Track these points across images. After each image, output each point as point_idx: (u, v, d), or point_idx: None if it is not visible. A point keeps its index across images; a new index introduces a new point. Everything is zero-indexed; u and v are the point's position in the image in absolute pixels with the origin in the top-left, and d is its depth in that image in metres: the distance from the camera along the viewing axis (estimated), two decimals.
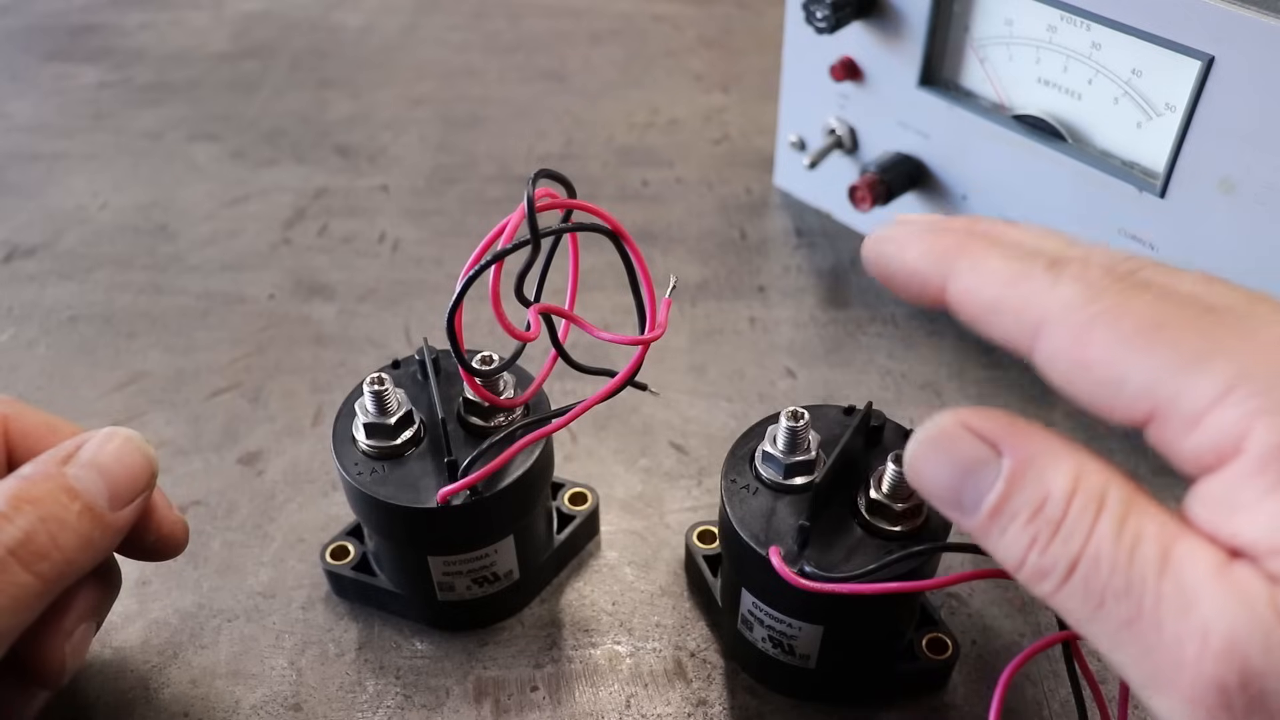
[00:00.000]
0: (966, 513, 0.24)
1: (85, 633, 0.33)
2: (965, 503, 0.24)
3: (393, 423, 0.35)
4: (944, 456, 0.24)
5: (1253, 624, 0.20)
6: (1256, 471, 0.21)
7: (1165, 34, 0.41)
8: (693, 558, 0.40)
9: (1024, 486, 0.23)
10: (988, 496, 0.23)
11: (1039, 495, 0.23)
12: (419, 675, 0.39)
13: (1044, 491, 0.23)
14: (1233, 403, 0.21)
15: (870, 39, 0.53)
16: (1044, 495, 0.23)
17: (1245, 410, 0.21)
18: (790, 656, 0.36)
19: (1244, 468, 0.21)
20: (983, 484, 0.24)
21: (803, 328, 0.54)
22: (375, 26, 0.82)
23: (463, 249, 0.58)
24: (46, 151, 0.68)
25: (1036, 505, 0.23)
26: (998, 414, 0.24)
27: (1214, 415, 0.22)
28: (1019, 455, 0.23)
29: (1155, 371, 0.22)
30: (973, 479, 0.24)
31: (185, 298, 0.56)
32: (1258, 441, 0.21)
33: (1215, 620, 0.20)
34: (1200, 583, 0.20)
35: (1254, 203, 0.41)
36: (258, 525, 0.44)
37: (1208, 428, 0.22)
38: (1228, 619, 0.20)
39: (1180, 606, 0.20)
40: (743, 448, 0.36)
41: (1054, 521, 0.22)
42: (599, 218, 0.31)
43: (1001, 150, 0.49)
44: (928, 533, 0.33)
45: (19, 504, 0.29)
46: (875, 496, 0.33)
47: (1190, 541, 0.21)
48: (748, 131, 0.69)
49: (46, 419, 0.34)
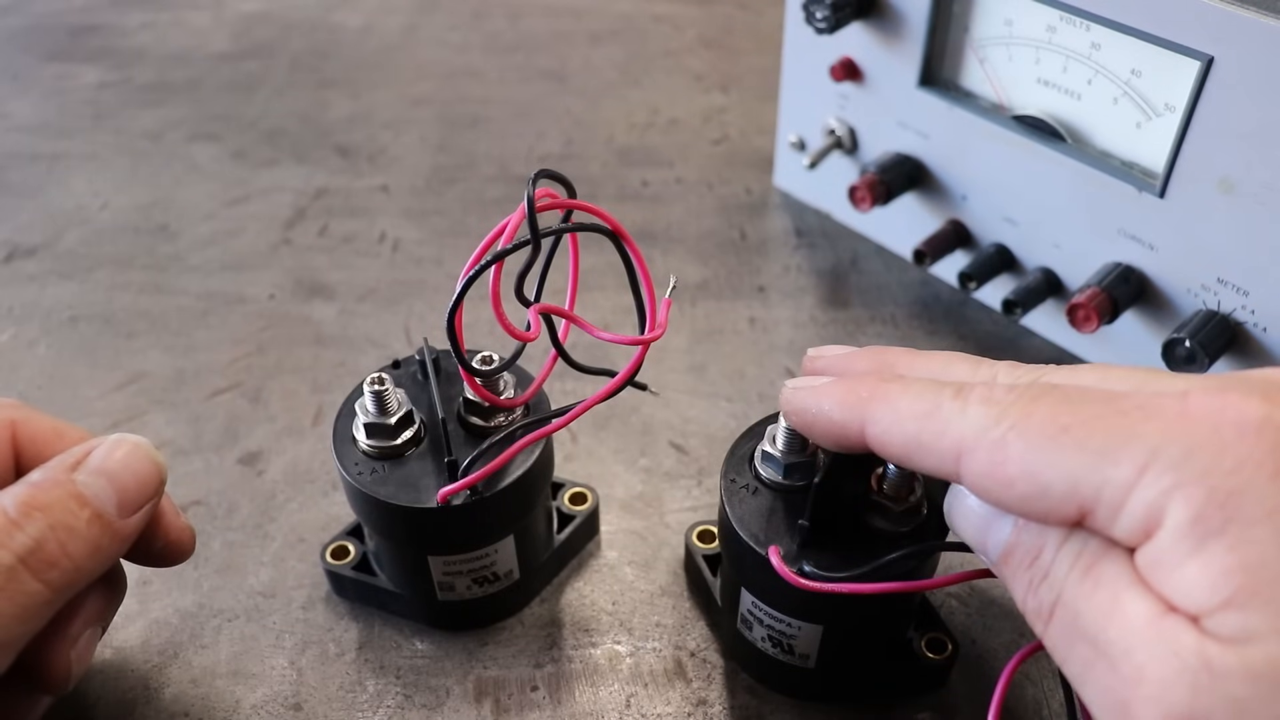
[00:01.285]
0: (988, 557, 0.28)
1: (91, 638, 0.33)
2: (989, 549, 0.27)
3: (393, 423, 0.35)
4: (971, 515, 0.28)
5: (1181, 672, 0.21)
6: (1174, 543, 0.23)
7: (1165, 34, 0.41)
8: (692, 557, 0.40)
9: (1027, 537, 0.26)
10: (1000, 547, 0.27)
11: (1036, 545, 0.26)
12: (419, 675, 0.39)
13: (1040, 542, 0.26)
14: (1147, 483, 0.23)
15: (870, 39, 0.53)
16: (1040, 545, 0.26)
17: (1160, 488, 0.23)
18: (790, 656, 0.36)
19: (1164, 540, 0.23)
20: (1000, 534, 0.27)
21: (803, 328, 0.54)
22: (375, 26, 0.82)
23: (463, 249, 0.58)
24: (47, 151, 0.68)
25: (1034, 554, 0.26)
26: None
27: (1133, 498, 0.23)
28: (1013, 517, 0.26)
29: (1073, 474, 0.24)
30: (994, 529, 0.27)
31: (185, 298, 0.56)
32: (1173, 515, 0.23)
33: (1147, 667, 0.22)
34: (1139, 631, 0.22)
35: (1254, 203, 0.41)
36: (258, 525, 0.44)
37: (1131, 510, 0.23)
38: (1157, 666, 0.22)
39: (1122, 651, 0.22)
40: (742, 447, 0.36)
41: (1044, 569, 0.25)
42: (599, 218, 0.31)
43: (1001, 150, 0.50)
44: (926, 532, 0.33)
45: (29, 511, 0.28)
46: (876, 498, 0.33)
47: (1136, 590, 0.23)
48: (748, 131, 0.69)
49: (54, 424, 0.33)
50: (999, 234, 0.52)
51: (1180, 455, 0.23)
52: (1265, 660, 0.21)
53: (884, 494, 0.33)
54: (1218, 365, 0.44)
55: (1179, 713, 0.21)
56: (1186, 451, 0.23)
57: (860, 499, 0.33)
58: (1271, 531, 0.21)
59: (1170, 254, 0.45)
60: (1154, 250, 0.46)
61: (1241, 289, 0.43)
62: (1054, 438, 0.24)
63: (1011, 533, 0.26)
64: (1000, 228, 0.52)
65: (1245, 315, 0.43)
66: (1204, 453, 0.23)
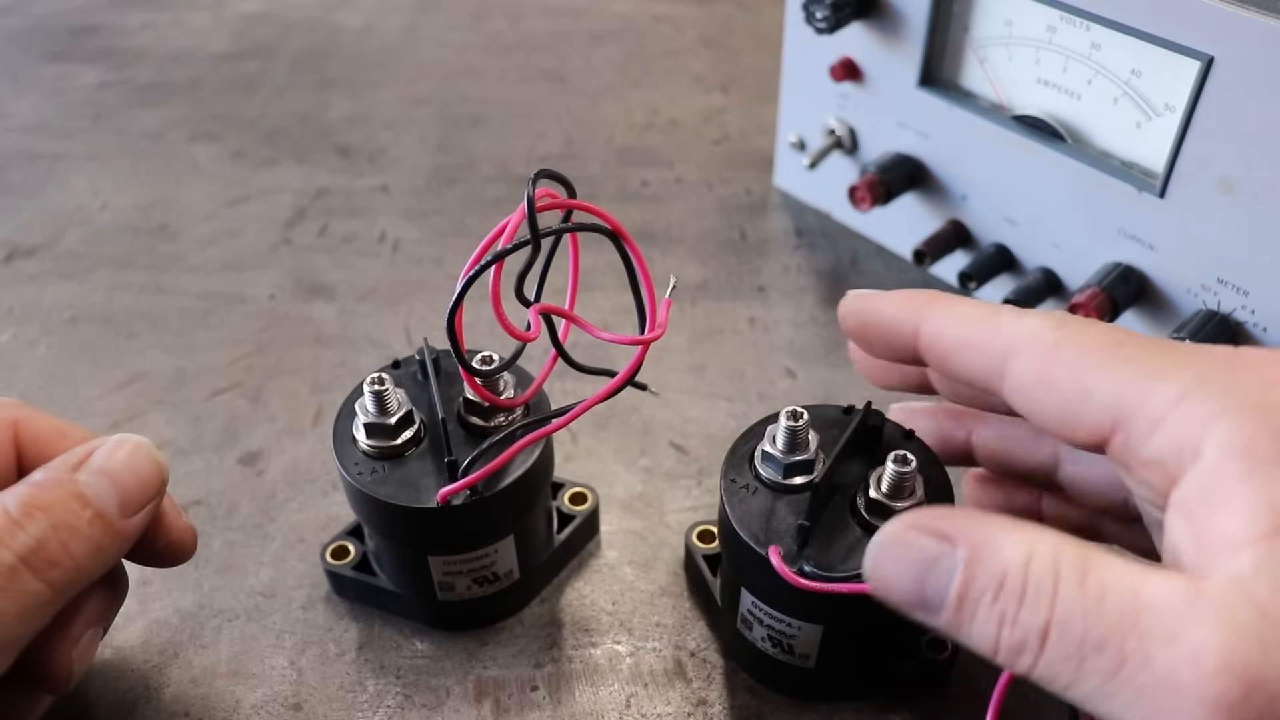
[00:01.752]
0: (934, 609, 0.25)
1: (92, 638, 0.33)
2: (931, 599, 0.25)
3: (393, 423, 0.35)
4: (902, 559, 0.25)
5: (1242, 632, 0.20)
6: (1222, 468, 0.22)
7: (1165, 34, 0.41)
8: (692, 557, 0.40)
9: (981, 568, 0.24)
10: (951, 587, 0.24)
11: (997, 573, 0.23)
12: (419, 675, 0.39)
13: (1001, 568, 0.23)
14: (1191, 405, 0.23)
15: (870, 39, 0.53)
16: (1002, 571, 0.23)
17: (1206, 411, 0.22)
18: (790, 656, 0.36)
19: (1209, 467, 0.22)
20: (943, 577, 0.24)
21: (803, 328, 0.54)
22: (375, 27, 0.82)
23: (463, 249, 0.58)
24: (47, 151, 0.68)
25: (997, 582, 0.23)
26: (945, 510, 0.26)
27: (1174, 417, 0.23)
28: (971, 541, 0.24)
29: (1118, 383, 0.24)
30: (933, 574, 0.24)
31: (185, 298, 0.56)
32: (1217, 440, 0.22)
33: (1205, 640, 0.20)
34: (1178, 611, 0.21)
35: (1254, 203, 0.41)
36: (258, 525, 0.44)
37: (1169, 429, 0.23)
38: (1217, 635, 0.20)
39: (1166, 639, 0.21)
40: (742, 447, 0.36)
41: (1017, 593, 0.23)
42: (599, 218, 0.31)
43: (1001, 150, 0.50)
44: None
45: (30, 511, 0.28)
46: (875, 496, 0.33)
47: (1156, 578, 0.22)
48: (748, 131, 0.69)
49: (56, 424, 0.33)
50: (999, 234, 0.52)
51: (1231, 384, 0.23)
52: None
53: (883, 493, 0.33)
54: None
55: (1255, 675, 0.20)
56: (1237, 383, 0.23)
57: (860, 499, 0.33)
58: None
59: (1170, 254, 0.45)
60: (1154, 250, 0.46)
61: (1241, 289, 0.43)
62: (1108, 349, 0.25)
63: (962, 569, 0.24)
64: (1000, 228, 0.52)
65: (1245, 315, 0.43)
66: (1255, 387, 0.23)
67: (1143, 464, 0.24)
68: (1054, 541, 0.23)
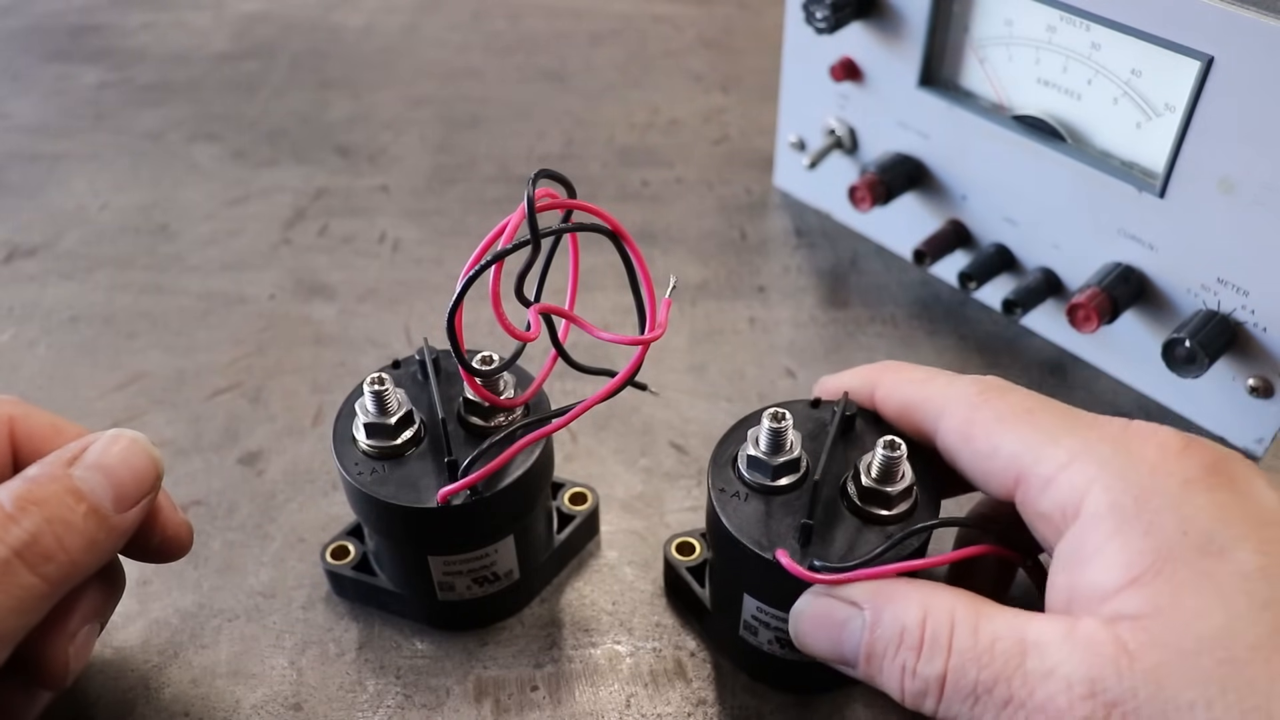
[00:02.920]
0: (850, 663, 0.29)
1: (89, 634, 0.33)
2: (847, 656, 0.29)
3: (393, 423, 0.35)
4: (820, 624, 0.30)
5: (1104, 662, 0.24)
6: (1092, 528, 0.26)
7: (1165, 34, 0.41)
8: (674, 570, 0.40)
9: (883, 627, 0.28)
10: (860, 645, 0.29)
11: (896, 631, 0.28)
12: (419, 675, 0.39)
13: (899, 626, 0.28)
14: (1074, 470, 0.27)
15: (870, 39, 0.53)
16: (900, 629, 0.27)
17: (1085, 476, 0.27)
18: (799, 654, 0.36)
19: (1083, 526, 0.26)
20: (853, 637, 0.29)
21: (803, 328, 0.54)
22: (375, 27, 0.83)
23: (463, 249, 0.58)
24: (47, 151, 0.68)
25: (897, 639, 0.28)
26: (858, 584, 0.30)
27: (1061, 479, 0.27)
28: (874, 605, 0.29)
29: (1021, 443, 0.28)
30: (846, 633, 0.29)
31: (185, 298, 0.56)
32: (1092, 502, 0.26)
33: (1073, 671, 0.24)
34: (1053, 648, 0.25)
35: (1254, 203, 0.41)
36: (258, 525, 0.44)
37: (1057, 489, 0.27)
38: (1084, 667, 0.24)
39: (1043, 674, 0.25)
40: (723, 455, 0.36)
41: (914, 646, 0.27)
42: (599, 218, 0.31)
43: (1001, 150, 0.50)
44: (920, 513, 0.33)
45: (25, 505, 0.28)
46: (867, 484, 0.33)
47: (1037, 623, 0.26)
48: (748, 131, 0.69)
49: (52, 420, 0.33)
50: (999, 234, 0.52)
51: (1109, 455, 0.27)
52: (1169, 630, 0.24)
53: (874, 479, 0.33)
54: (1218, 365, 0.44)
55: (1112, 698, 0.24)
56: (1115, 453, 0.27)
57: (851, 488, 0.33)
58: (1175, 521, 0.25)
59: (1170, 254, 0.45)
60: (1154, 250, 0.45)
61: (1241, 289, 0.43)
62: (1019, 414, 0.29)
63: (868, 630, 0.28)
64: (1000, 228, 0.52)
65: (1245, 315, 0.43)
66: (1128, 459, 0.27)
67: (1038, 517, 0.28)
68: (948, 600, 0.27)
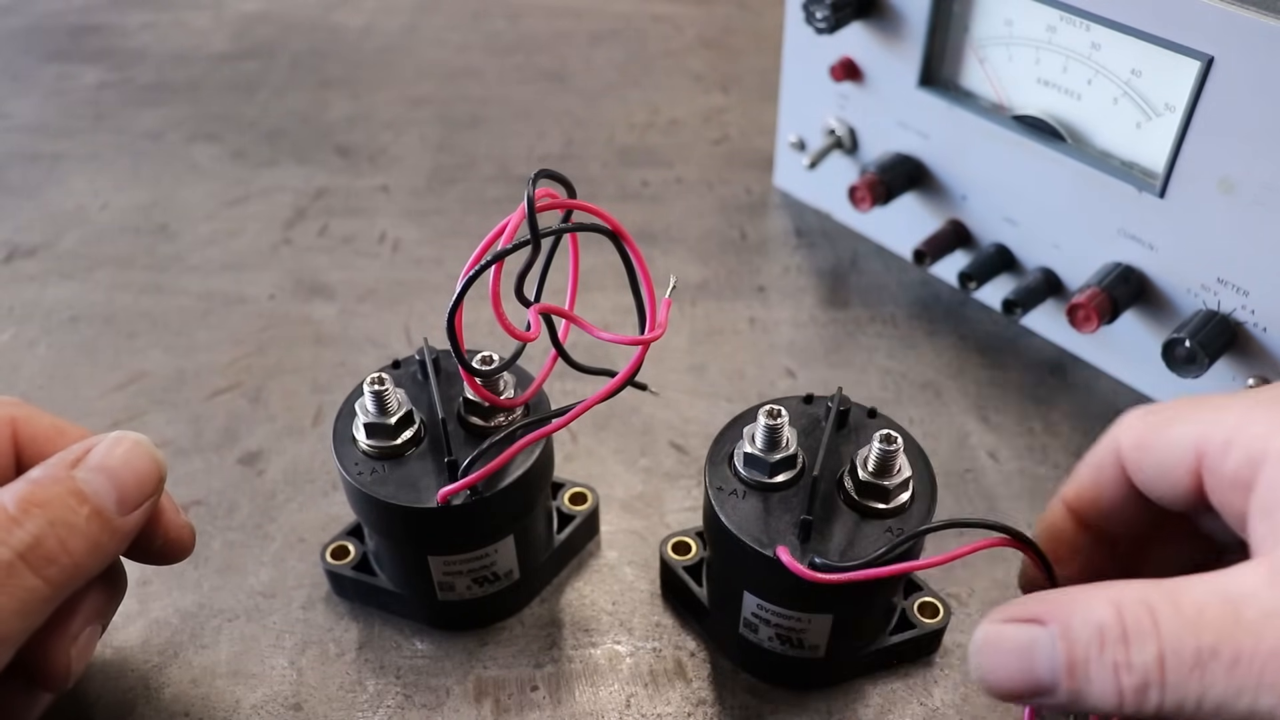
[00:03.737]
0: (1049, 687, 0.26)
1: (90, 636, 0.33)
2: (1044, 679, 0.26)
3: (393, 423, 0.35)
4: (1004, 653, 0.27)
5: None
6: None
7: (1165, 34, 0.41)
8: (670, 570, 0.40)
9: (1080, 633, 0.25)
10: (1058, 661, 0.25)
11: (1093, 632, 0.25)
12: (419, 675, 0.39)
13: (1095, 627, 0.25)
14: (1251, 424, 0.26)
15: (870, 39, 0.53)
16: (1097, 629, 0.25)
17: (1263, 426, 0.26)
18: (800, 650, 0.36)
19: (1271, 470, 0.25)
20: (1046, 655, 0.26)
21: (803, 328, 0.54)
22: (375, 27, 0.82)
23: (463, 249, 0.58)
24: (47, 151, 0.68)
25: (1098, 640, 0.25)
26: (1024, 599, 0.27)
27: (1239, 437, 0.26)
28: (1060, 615, 0.26)
29: (1193, 425, 0.28)
30: (1037, 654, 0.26)
31: (185, 298, 0.56)
32: (1277, 445, 0.25)
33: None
34: (1264, 592, 0.24)
35: (1253, 203, 0.41)
36: (258, 525, 0.44)
37: (1238, 446, 0.26)
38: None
39: (1263, 619, 0.24)
40: (718, 453, 0.36)
41: (1120, 639, 0.25)
42: (599, 218, 0.31)
43: (1001, 150, 0.50)
44: (916, 507, 0.34)
45: (28, 507, 0.28)
46: (864, 477, 0.33)
47: (1234, 577, 0.25)
48: (748, 131, 0.69)
49: (55, 421, 0.33)
50: (999, 234, 0.52)
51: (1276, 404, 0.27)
52: None
53: (871, 473, 0.33)
54: (1217, 365, 0.44)
55: None
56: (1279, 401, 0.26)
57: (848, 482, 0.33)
58: None
59: (1170, 254, 0.45)
60: (1154, 250, 0.45)
61: (1241, 289, 0.43)
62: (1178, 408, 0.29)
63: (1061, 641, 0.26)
64: (1000, 228, 0.52)
65: (1245, 315, 0.43)
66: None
67: (1228, 485, 0.27)
68: (1133, 586, 0.25)
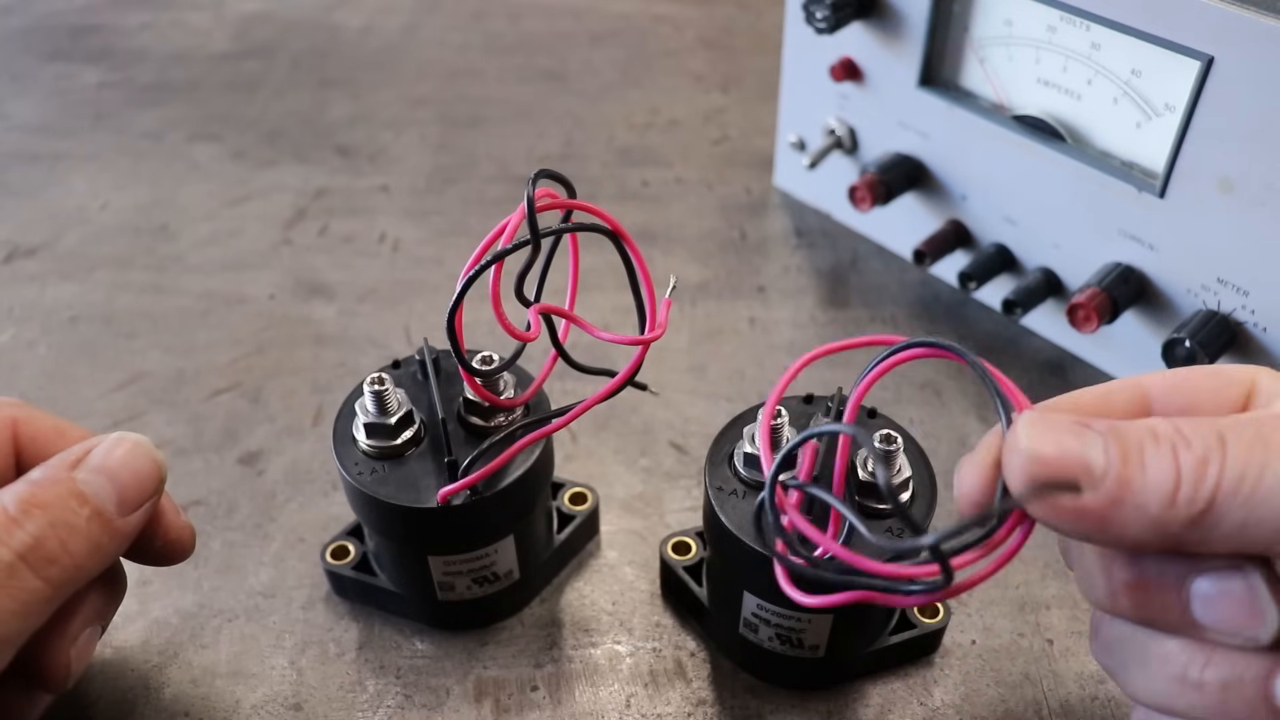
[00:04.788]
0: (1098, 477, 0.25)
1: (90, 636, 0.33)
2: (1094, 462, 0.25)
3: (393, 423, 0.35)
4: (1055, 429, 0.25)
5: None
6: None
7: (1165, 34, 0.41)
8: (671, 570, 0.40)
9: (1126, 428, 0.25)
10: (1110, 450, 0.25)
11: (1146, 430, 0.25)
12: (419, 675, 0.39)
13: (1147, 426, 0.25)
14: None
15: (870, 39, 0.53)
16: (1149, 427, 0.25)
17: None
18: (799, 649, 0.36)
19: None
20: (1096, 444, 0.25)
21: (803, 328, 0.54)
22: (375, 27, 0.82)
23: (463, 249, 0.58)
24: (47, 151, 0.68)
25: (1151, 434, 0.25)
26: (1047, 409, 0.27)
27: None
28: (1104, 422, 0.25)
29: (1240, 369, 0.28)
30: (1091, 440, 0.25)
31: (185, 298, 0.56)
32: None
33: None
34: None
35: (1253, 203, 0.41)
36: (258, 525, 0.44)
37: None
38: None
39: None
40: (719, 453, 0.36)
41: (1175, 427, 0.25)
42: (599, 218, 0.31)
43: (1001, 150, 0.50)
44: (917, 505, 0.34)
45: (29, 509, 0.28)
46: (864, 478, 0.33)
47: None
48: (748, 131, 0.69)
49: (55, 422, 0.33)
50: (999, 234, 0.52)
51: None
52: None
53: (870, 473, 0.33)
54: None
55: None
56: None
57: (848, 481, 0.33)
58: None
59: (1170, 254, 0.45)
60: (1154, 250, 0.45)
61: (1241, 289, 0.43)
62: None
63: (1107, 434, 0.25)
64: (1000, 228, 0.52)
65: (1245, 315, 0.43)
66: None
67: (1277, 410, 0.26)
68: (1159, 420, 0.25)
